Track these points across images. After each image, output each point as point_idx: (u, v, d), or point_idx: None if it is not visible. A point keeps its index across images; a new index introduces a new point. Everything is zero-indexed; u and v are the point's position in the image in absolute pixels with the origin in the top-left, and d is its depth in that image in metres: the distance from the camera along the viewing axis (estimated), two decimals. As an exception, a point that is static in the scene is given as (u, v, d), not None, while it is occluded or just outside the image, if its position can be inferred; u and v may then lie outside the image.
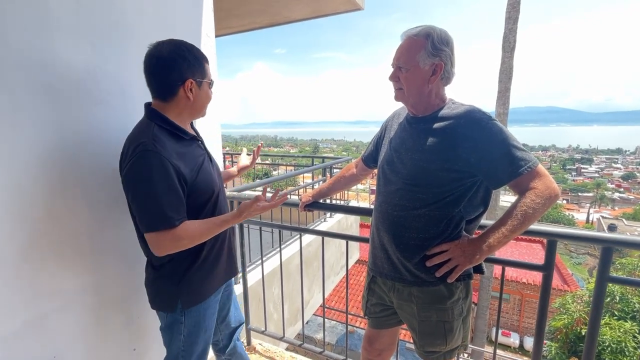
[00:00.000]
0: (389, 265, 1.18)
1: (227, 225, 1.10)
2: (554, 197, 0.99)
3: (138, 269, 1.38)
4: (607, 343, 5.66)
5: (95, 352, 1.29)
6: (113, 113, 1.29)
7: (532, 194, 0.98)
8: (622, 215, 32.35)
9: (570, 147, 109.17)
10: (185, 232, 1.01)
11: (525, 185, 1.00)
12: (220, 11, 3.94)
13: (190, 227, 1.03)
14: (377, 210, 1.21)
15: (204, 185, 1.11)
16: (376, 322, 1.33)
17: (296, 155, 15.86)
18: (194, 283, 1.15)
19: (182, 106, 1.11)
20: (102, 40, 1.23)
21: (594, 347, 1.18)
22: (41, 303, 1.11)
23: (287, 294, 3.31)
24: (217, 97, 1.74)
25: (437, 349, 1.17)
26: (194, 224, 1.04)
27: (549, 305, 1.24)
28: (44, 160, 1.09)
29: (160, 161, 0.98)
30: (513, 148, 1.00)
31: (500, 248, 1.05)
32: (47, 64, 1.08)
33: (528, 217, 0.98)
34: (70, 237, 1.18)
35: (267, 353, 2.08)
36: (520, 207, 0.99)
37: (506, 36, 6.82)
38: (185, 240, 1.02)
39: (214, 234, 1.10)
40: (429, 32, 1.06)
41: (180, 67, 1.05)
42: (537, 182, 0.99)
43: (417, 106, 1.14)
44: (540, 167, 1.00)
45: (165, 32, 1.46)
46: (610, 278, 1.14)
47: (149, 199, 0.98)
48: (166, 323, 1.19)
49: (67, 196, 1.16)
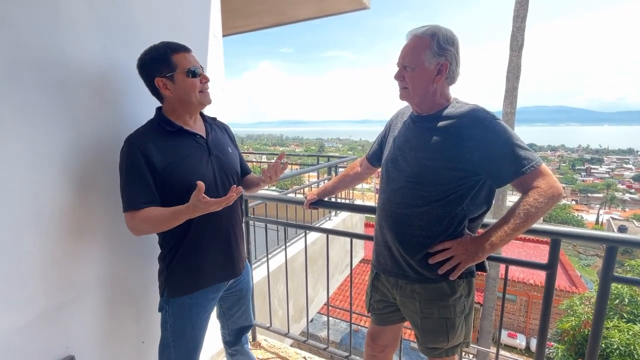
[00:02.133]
0: (392, 263, 1.19)
1: (181, 216, 1.03)
2: (557, 196, 0.99)
3: (149, 263, 1.43)
4: (616, 346, 5.58)
5: (106, 343, 1.33)
6: (124, 111, 1.32)
7: (535, 193, 0.99)
8: (633, 217, 31.75)
9: (580, 147, 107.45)
10: (144, 216, 1.06)
11: (529, 184, 1.00)
12: (226, 12, 3.97)
13: (151, 212, 1.07)
14: (381, 208, 1.23)
15: (182, 177, 1.13)
16: (379, 319, 1.35)
17: (302, 154, 15.89)
18: (177, 274, 1.19)
19: (170, 102, 1.17)
20: (113, 41, 1.27)
21: (598, 346, 1.19)
22: (56, 295, 1.15)
23: (292, 291, 3.35)
24: (221, 96, 1.77)
25: (439, 346, 1.18)
26: (155, 209, 1.08)
27: (554, 306, 1.24)
28: (59, 157, 1.12)
29: (131, 150, 1.08)
30: (516, 147, 1.01)
31: (502, 246, 1.06)
32: (60, 64, 1.11)
33: (531, 216, 0.99)
34: (85, 231, 1.23)
35: (272, 349, 2.11)
36: (523, 205, 0.99)
37: (514, 35, 6.75)
38: (146, 225, 1.08)
39: (172, 222, 1.06)
40: (435, 32, 1.07)
41: (145, 71, 1.13)
42: (541, 181, 0.99)
43: (422, 105, 1.15)
44: (544, 167, 1.01)
45: (174, 32, 1.49)
46: (615, 277, 1.14)
47: (121, 183, 1.10)
48: (159, 306, 1.25)
49: (82, 192, 1.20)
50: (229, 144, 1.34)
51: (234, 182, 1.29)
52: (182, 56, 1.13)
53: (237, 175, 1.33)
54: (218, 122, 1.39)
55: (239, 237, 1.33)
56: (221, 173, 1.24)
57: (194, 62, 1.16)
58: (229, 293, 1.38)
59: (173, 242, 1.19)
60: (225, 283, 1.32)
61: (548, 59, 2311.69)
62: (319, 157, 5.35)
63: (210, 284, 1.25)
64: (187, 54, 1.15)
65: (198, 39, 1.65)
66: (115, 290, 1.35)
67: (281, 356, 2.04)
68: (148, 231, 1.13)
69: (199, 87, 1.17)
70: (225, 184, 1.25)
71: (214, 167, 1.22)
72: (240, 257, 1.34)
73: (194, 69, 1.14)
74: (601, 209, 39.08)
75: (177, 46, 1.14)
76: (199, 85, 1.16)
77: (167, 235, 1.18)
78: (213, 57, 1.72)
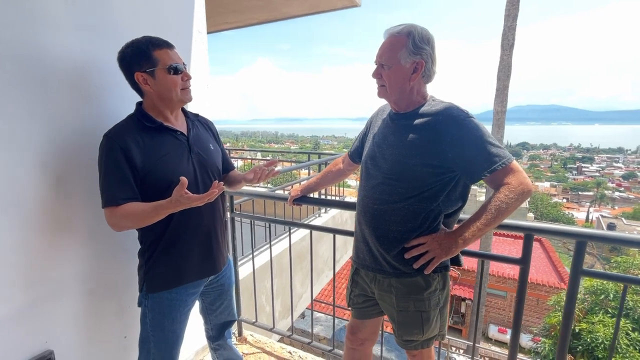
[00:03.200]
0: (370, 257, 1.22)
1: (162, 211, 1.03)
2: (527, 192, 1.02)
3: (129, 258, 1.43)
4: (601, 340, 5.71)
5: (86, 338, 1.34)
6: (105, 107, 1.32)
7: (506, 189, 1.01)
8: (622, 215, 32.34)
9: (572, 146, 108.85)
10: (125, 212, 1.06)
11: (500, 181, 1.03)
12: (217, 7, 3.95)
13: (131, 207, 1.07)
14: (359, 204, 1.25)
15: (162, 174, 1.13)
16: (359, 313, 1.37)
17: (296, 152, 15.90)
18: (156, 270, 1.20)
19: (150, 98, 1.17)
20: (92, 36, 1.26)
21: (568, 336, 1.22)
22: (34, 290, 1.15)
23: (281, 288, 3.37)
24: (215, 92, 1.78)
25: (415, 338, 1.21)
26: (136, 205, 1.08)
27: (543, 302, 1.28)
28: (38, 152, 1.12)
29: (110, 145, 1.08)
30: (488, 144, 1.03)
31: (475, 241, 1.09)
32: (38, 60, 1.10)
33: (502, 212, 1.02)
34: (64, 226, 1.23)
35: (258, 344, 2.13)
36: (495, 201, 1.02)
37: (505, 34, 6.81)
38: (126, 220, 1.08)
39: (153, 217, 1.06)
40: (411, 31, 1.09)
41: (125, 65, 1.12)
42: (511, 178, 1.02)
43: (399, 103, 1.17)
44: (515, 164, 1.03)
45: (156, 28, 1.49)
46: (584, 271, 1.17)
47: (100, 178, 1.10)
48: (138, 301, 1.26)
49: (62, 187, 1.20)
50: (210, 141, 1.34)
51: (215, 179, 1.29)
52: (164, 52, 1.12)
53: (218, 173, 1.33)
54: (201, 118, 1.39)
55: (219, 234, 1.33)
56: (202, 170, 1.24)
57: (176, 59, 1.15)
58: (210, 288, 1.39)
59: (153, 237, 1.19)
60: (205, 279, 1.32)
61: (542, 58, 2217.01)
62: (310, 155, 5.37)
63: (189, 280, 1.25)
64: (169, 50, 1.14)
65: (181, 35, 1.65)
66: (96, 285, 1.35)
67: (267, 351, 2.06)
68: (129, 227, 1.13)
69: (181, 84, 1.16)
70: (206, 181, 1.25)
71: (195, 164, 1.22)
72: (221, 253, 1.35)
73: (176, 66, 1.14)
74: (591, 207, 39.71)
75: (160, 42, 1.13)
76: (180, 82, 1.16)
77: (146, 231, 1.18)
78: (197, 53, 1.72)
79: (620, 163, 75.61)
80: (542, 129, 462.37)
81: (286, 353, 2.04)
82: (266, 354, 2.03)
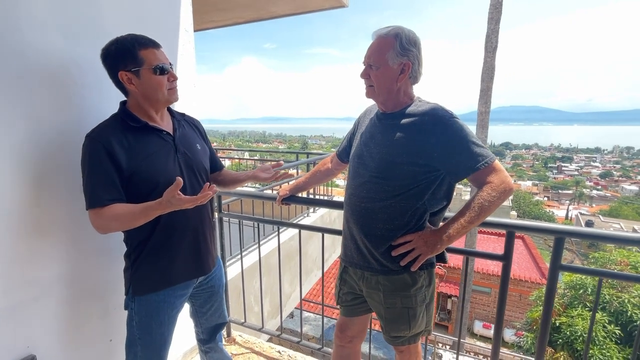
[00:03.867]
0: (358, 255, 1.24)
1: (152, 212, 1.02)
2: (509, 191, 1.06)
3: (115, 260, 1.40)
4: (579, 333, 5.95)
5: (70, 342, 1.31)
6: (89, 105, 1.29)
7: (488, 187, 1.05)
8: (599, 212, 33.64)
9: (552, 146, 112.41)
10: (111, 213, 1.04)
11: (483, 180, 1.07)
12: (203, 5, 3.90)
13: (117, 209, 1.05)
14: (347, 202, 1.27)
15: (148, 175, 1.11)
16: (347, 311, 1.39)
17: (284, 152, 15.84)
18: (143, 273, 1.18)
19: (135, 97, 1.14)
20: (76, 33, 1.23)
21: (548, 329, 1.27)
22: (16, 294, 1.12)
23: (269, 287, 3.36)
24: (201, 91, 1.76)
25: (402, 334, 1.23)
26: (122, 206, 1.06)
27: (525, 297, 1.32)
28: (18, 152, 1.09)
29: (94, 146, 1.05)
30: (472, 144, 1.07)
31: (459, 238, 1.12)
32: (18, 56, 1.07)
33: (484, 210, 1.05)
34: (46, 228, 1.19)
35: (247, 344, 2.12)
36: (478, 200, 1.05)
37: (489, 36, 6.98)
38: (113, 222, 1.05)
39: (141, 219, 1.05)
40: (398, 33, 1.11)
41: (109, 63, 1.10)
42: (494, 177, 1.06)
43: (387, 103, 1.20)
44: (497, 163, 1.07)
45: (142, 26, 1.46)
46: (562, 266, 1.22)
47: (84, 180, 1.07)
48: (124, 304, 1.23)
49: (43, 188, 1.17)
50: (197, 140, 1.32)
51: (202, 179, 1.27)
52: (150, 52, 1.10)
53: (205, 173, 1.31)
54: (187, 117, 1.37)
55: (208, 235, 1.31)
56: (188, 170, 1.22)
57: (162, 59, 1.12)
58: (200, 290, 1.36)
59: (139, 239, 1.17)
60: (194, 280, 1.30)
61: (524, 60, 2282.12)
62: (298, 154, 5.37)
63: (178, 281, 1.23)
64: (155, 50, 1.12)
65: (168, 34, 1.63)
66: (80, 288, 1.32)
67: (255, 351, 2.05)
68: (115, 228, 1.10)
69: (167, 84, 1.14)
70: (193, 182, 1.23)
71: (181, 164, 1.20)
72: (210, 254, 1.33)
73: (162, 66, 1.11)
74: (571, 205, 41.13)
75: (146, 41, 1.10)
76: (166, 82, 1.14)
77: (133, 233, 1.15)
78: (184, 52, 1.70)
79: (597, 162, 78.63)
80: (524, 129, 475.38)
81: (275, 353, 2.04)
82: (255, 354, 2.03)
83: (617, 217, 30.31)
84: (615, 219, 28.77)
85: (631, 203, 38.45)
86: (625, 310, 5.87)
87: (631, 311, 5.82)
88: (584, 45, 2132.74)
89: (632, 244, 1.08)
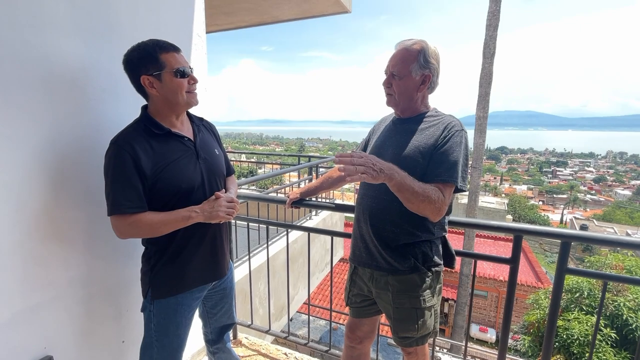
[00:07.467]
0: (367, 254, 1.27)
1: (189, 220, 1.11)
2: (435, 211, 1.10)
3: (129, 262, 1.42)
4: (576, 336, 5.99)
5: (85, 343, 1.32)
6: (107, 109, 1.32)
7: (439, 193, 1.10)
8: (593, 216, 34.00)
9: (547, 151, 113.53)
10: (141, 221, 1.07)
11: (441, 190, 1.12)
12: (209, 8, 3.93)
13: (148, 216, 1.08)
14: (359, 203, 1.31)
15: (169, 181, 1.13)
16: (357, 312, 1.42)
17: (282, 154, 15.86)
18: (163, 277, 1.19)
19: (156, 101, 1.16)
20: (96, 38, 1.26)
21: (553, 332, 1.31)
22: (33, 295, 1.13)
23: (272, 290, 3.37)
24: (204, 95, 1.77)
25: (410, 335, 1.26)
26: (154, 214, 1.09)
27: (522, 300, 1.36)
28: (39, 156, 1.11)
29: (118, 152, 1.07)
30: (458, 162, 1.13)
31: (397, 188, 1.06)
32: (41, 61, 1.10)
33: (424, 196, 1.06)
34: (64, 230, 1.21)
35: (253, 346, 2.13)
36: (432, 189, 1.09)
37: (487, 43, 7.09)
38: (142, 229, 1.09)
39: (175, 226, 1.11)
40: (423, 47, 1.18)
41: (131, 67, 1.12)
42: (447, 194, 1.12)
43: (405, 111, 1.27)
44: (452, 190, 1.14)
45: (158, 31, 1.49)
46: (569, 269, 1.26)
47: (107, 187, 1.09)
48: (142, 306, 1.25)
49: (62, 191, 1.19)
50: (215, 146, 1.35)
51: (220, 184, 1.30)
52: (170, 55, 1.12)
53: (223, 178, 1.34)
54: (205, 122, 1.39)
55: (224, 239, 1.34)
56: (209, 176, 1.24)
57: (183, 62, 1.15)
58: (213, 292, 1.39)
59: (160, 244, 1.18)
60: (210, 283, 1.33)
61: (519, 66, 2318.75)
62: (299, 157, 5.40)
63: (195, 285, 1.26)
64: (176, 54, 1.14)
65: (181, 38, 1.66)
66: (95, 290, 1.33)
67: (262, 353, 2.07)
68: (140, 235, 1.12)
69: (187, 87, 1.16)
70: (213, 187, 1.25)
71: (202, 170, 1.22)
72: (225, 258, 1.35)
73: (183, 69, 1.14)
74: (565, 209, 41.52)
75: (167, 45, 1.13)
76: (186, 85, 1.16)
77: (154, 238, 1.16)
78: (197, 56, 1.73)
79: (591, 167, 79.50)
80: (519, 134, 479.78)
81: (282, 355, 2.06)
82: (262, 356, 2.04)
83: (610, 222, 30.65)
84: (608, 223, 29.08)
85: (624, 207, 38.91)
86: (621, 314, 5.94)
87: (626, 314, 5.89)
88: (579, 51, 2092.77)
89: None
